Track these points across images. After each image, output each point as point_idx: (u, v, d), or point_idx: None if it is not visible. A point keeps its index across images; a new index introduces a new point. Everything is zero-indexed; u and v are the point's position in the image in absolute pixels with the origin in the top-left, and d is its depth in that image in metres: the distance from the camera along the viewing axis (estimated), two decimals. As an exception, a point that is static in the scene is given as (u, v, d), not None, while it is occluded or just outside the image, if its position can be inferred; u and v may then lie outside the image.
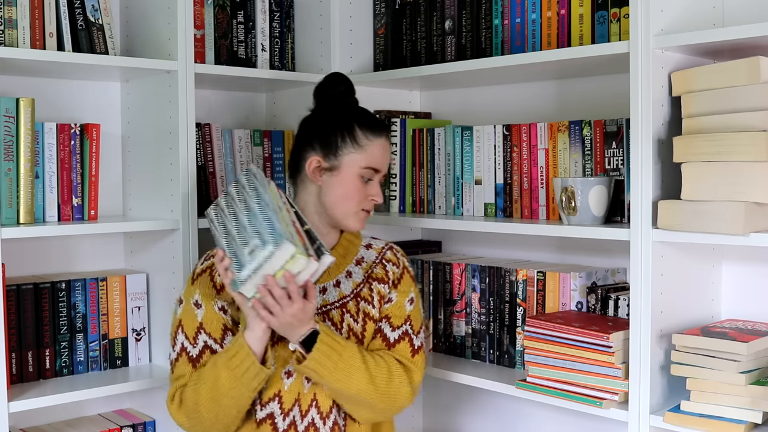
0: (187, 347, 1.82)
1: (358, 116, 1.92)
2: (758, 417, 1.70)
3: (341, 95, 1.99)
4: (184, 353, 1.82)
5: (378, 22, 2.53)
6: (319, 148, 1.89)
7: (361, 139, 1.89)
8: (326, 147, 1.89)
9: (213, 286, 1.85)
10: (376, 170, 1.91)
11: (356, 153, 1.88)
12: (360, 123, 1.90)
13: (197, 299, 1.84)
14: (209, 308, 1.83)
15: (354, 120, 1.91)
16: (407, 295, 1.93)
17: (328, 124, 1.91)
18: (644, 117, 1.81)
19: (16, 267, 2.20)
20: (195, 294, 1.85)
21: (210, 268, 1.87)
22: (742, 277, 2.00)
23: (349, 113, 1.93)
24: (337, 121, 1.91)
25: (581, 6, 2.04)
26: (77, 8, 2.12)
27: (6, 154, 1.99)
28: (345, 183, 1.88)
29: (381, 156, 1.92)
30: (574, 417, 2.30)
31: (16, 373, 2.07)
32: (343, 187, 1.88)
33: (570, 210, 1.98)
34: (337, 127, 1.90)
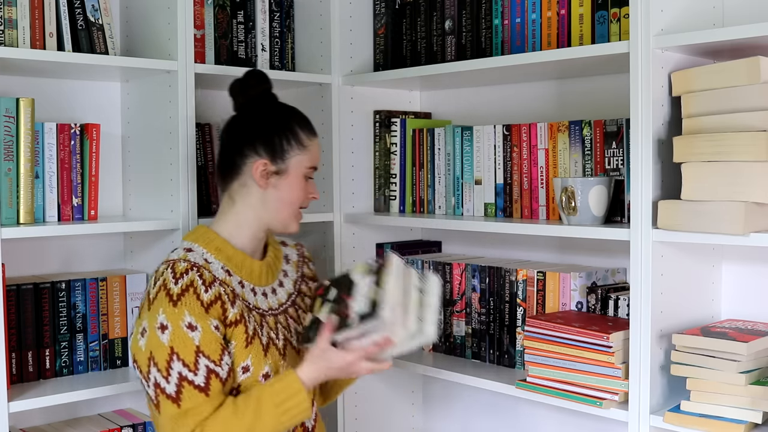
0: (188, 376, 1.69)
1: (295, 117, 1.92)
2: (758, 417, 1.70)
3: (266, 93, 1.96)
4: (186, 383, 1.69)
5: (378, 22, 2.53)
6: (265, 151, 1.85)
7: (304, 140, 1.88)
8: (272, 150, 1.85)
9: (201, 305, 1.73)
10: (315, 168, 1.93)
11: (302, 154, 1.88)
12: (299, 124, 1.90)
13: (190, 321, 1.71)
14: (206, 329, 1.72)
15: (293, 120, 1.90)
16: None
17: (269, 126, 1.87)
18: (644, 117, 1.81)
19: (16, 267, 2.20)
20: (184, 316, 1.71)
21: (189, 285, 1.74)
22: (742, 277, 1.99)
23: (286, 114, 1.92)
24: (278, 122, 1.88)
25: (581, 6, 2.04)
26: (77, 8, 2.12)
27: (6, 154, 1.99)
28: (292, 185, 1.87)
29: (319, 154, 1.94)
30: (574, 417, 2.30)
31: (16, 373, 2.07)
32: (290, 189, 1.87)
33: (570, 210, 1.98)
34: (280, 129, 1.87)
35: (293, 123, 1.89)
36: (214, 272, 1.81)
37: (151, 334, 1.72)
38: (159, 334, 1.71)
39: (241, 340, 1.78)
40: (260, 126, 1.88)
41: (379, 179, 2.55)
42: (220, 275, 1.82)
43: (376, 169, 2.55)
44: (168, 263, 1.79)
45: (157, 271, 1.81)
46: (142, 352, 1.73)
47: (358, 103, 2.54)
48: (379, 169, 2.55)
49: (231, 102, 1.97)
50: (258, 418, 1.71)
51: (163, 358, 1.70)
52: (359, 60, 2.54)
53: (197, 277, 1.76)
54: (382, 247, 2.56)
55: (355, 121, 2.53)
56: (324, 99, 2.50)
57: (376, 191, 2.56)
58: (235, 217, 1.89)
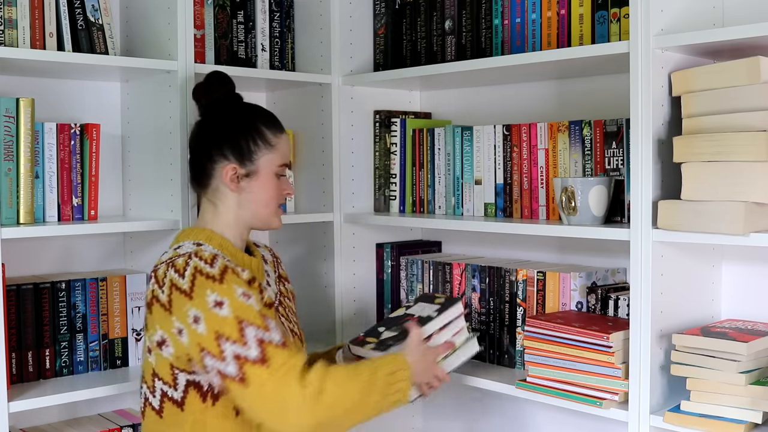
0: (265, 336, 1.64)
1: (259, 116, 1.90)
2: (758, 417, 1.70)
3: (229, 94, 1.94)
4: (266, 344, 1.64)
5: (378, 22, 2.53)
6: (232, 155, 1.84)
7: (271, 139, 1.87)
8: (239, 153, 1.84)
9: (244, 281, 1.73)
10: (287, 165, 1.92)
11: (270, 153, 1.86)
12: (264, 122, 1.88)
13: (243, 291, 1.68)
14: (258, 298, 1.72)
15: (257, 120, 1.88)
16: None
17: (234, 129, 1.86)
18: (644, 117, 1.81)
19: (16, 267, 2.20)
20: (235, 288, 1.68)
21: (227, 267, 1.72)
22: (742, 277, 1.99)
23: (250, 114, 1.90)
24: (243, 124, 1.87)
25: (581, 6, 2.04)
26: (77, 8, 2.12)
27: (6, 154, 1.99)
28: (265, 186, 1.86)
29: (288, 150, 1.93)
30: (574, 417, 2.30)
31: (16, 373, 2.07)
32: (264, 190, 1.86)
33: (570, 210, 1.98)
34: (245, 130, 1.86)
35: (258, 123, 1.87)
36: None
37: (208, 315, 1.66)
38: (218, 311, 1.66)
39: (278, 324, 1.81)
40: (225, 129, 1.87)
41: (379, 179, 2.55)
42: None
43: (376, 169, 2.55)
44: (185, 255, 1.73)
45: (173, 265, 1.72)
46: (205, 337, 1.65)
47: (358, 103, 2.54)
48: (379, 169, 2.55)
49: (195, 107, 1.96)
50: (371, 384, 1.69)
51: (234, 328, 1.64)
52: (359, 60, 2.54)
53: (227, 262, 1.73)
54: (382, 247, 2.56)
55: (355, 121, 2.53)
56: (324, 99, 2.50)
57: (376, 191, 2.56)
58: (220, 219, 1.88)
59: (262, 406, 1.66)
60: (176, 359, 1.72)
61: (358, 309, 2.54)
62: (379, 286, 2.57)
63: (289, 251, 2.64)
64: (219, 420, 1.74)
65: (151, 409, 1.79)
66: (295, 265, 2.61)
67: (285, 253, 2.66)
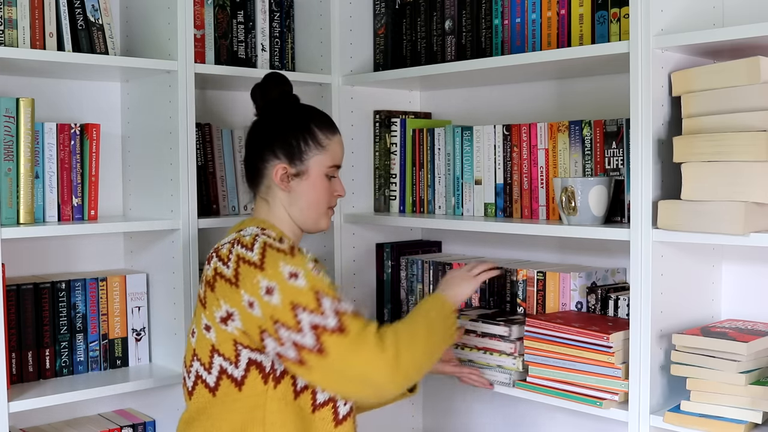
0: (340, 307, 1.66)
1: (312, 116, 1.91)
2: (758, 417, 1.70)
3: (285, 95, 1.96)
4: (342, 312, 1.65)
5: (378, 22, 2.53)
6: (283, 154, 1.86)
7: (322, 140, 1.88)
8: (290, 153, 1.86)
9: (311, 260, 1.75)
10: (338, 167, 1.92)
11: (321, 154, 1.88)
12: (317, 123, 1.89)
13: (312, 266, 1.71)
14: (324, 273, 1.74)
15: (311, 121, 1.90)
16: None
17: (286, 129, 1.88)
18: (644, 117, 1.81)
19: (16, 267, 2.20)
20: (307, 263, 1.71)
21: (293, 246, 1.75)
22: (742, 277, 1.99)
23: (303, 114, 1.92)
24: (295, 124, 1.89)
25: (581, 6, 2.04)
26: (77, 8, 2.12)
27: (6, 154, 1.99)
28: (315, 186, 1.88)
29: (341, 152, 1.93)
30: (574, 417, 2.30)
31: (16, 373, 2.07)
32: (313, 190, 1.88)
33: (570, 210, 1.98)
34: (297, 130, 1.88)
35: (310, 123, 1.89)
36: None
37: (283, 286, 1.66)
38: (293, 282, 1.66)
39: None
40: (277, 129, 1.89)
41: (379, 179, 2.55)
42: None
43: (376, 169, 2.55)
44: (252, 234, 1.75)
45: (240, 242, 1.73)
46: (280, 308, 1.64)
47: (358, 103, 2.54)
48: (379, 169, 2.55)
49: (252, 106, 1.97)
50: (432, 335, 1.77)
51: (312, 298, 1.65)
52: (359, 60, 2.54)
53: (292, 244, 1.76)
54: (382, 247, 2.56)
55: (355, 121, 2.53)
56: (324, 99, 2.50)
57: (376, 191, 2.56)
58: (276, 213, 1.89)
59: (343, 375, 1.67)
60: (242, 335, 1.69)
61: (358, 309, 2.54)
62: (379, 286, 2.57)
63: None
64: (278, 404, 1.72)
65: (204, 386, 1.74)
66: (295, 265, 2.61)
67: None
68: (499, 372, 2.08)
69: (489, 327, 2.10)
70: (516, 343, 2.06)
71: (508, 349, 2.06)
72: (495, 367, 2.09)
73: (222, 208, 2.39)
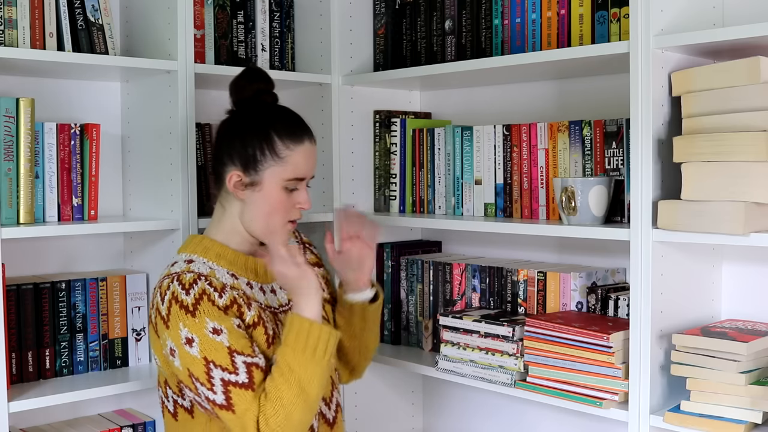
0: (230, 378, 1.64)
1: (275, 122, 1.79)
2: (758, 417, 1.70)
3: (257, 94, 1.84)
4: (232, 386, 1.64)
5: (378, 22, 2.53)
6: (238, 161, 1.77)
7: (281, 150, 1.76)
8: (245, 161, 1.76)
9: (218, 308, 1.70)
10: (300, 179, 1.80)
11: (278, 166, 1.76)
12: (279, 130, 1.77)
13: (213, 326, 1.66)
14: (231, 328, 1.67)
15: (271, 128, 1.77)
16: None
17: (244, 134, 1.77)
18: (644, 117, 1.81)
19: (16, 267, 2.20)
20: (206, 323, 1.66)
21: (202, 293, 1.70)
22: (742, 277, 1.99)
23: (265, 119, 1.79)
24: (254, 130, 1.77)
25: (581, 6, 2.04)
26: (77, 8, 2.12)
27: (6, 154, 1.99)
28: (268, 198, 1.77)
29: (305, 163, 1.80)
30: (574, 417, 2.30)
31: (16, 373, 2.07)
32: (266, 203, 1.78)
33: (570, 210, 1.98)
34: (254, 137, 1.76)
35: (270, 130, 1.77)
36: (221, 278, 1.78)
37: (181, 352, 1.67)
38: (188, 349, 1.66)
39: (262, 341, 1.75)
40: (237, 133, 1.79)
41: (379, 179, 2.55)
42: (228, 281, 1.79)
43: (376, 169, 2.55)
44: (171, 276, 1.74)
45: (161, 286, 1.74)
46: (181, 372, 1.69)
47: (358, 103, 2.54)
48: (379, 169, 2.55)
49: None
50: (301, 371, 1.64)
51: (201, 370, 1.65)
52: (359, 60, 2.54)
53: (207, 286, 1.71)
54: (382, 247, 2.56)
55: (355, 121, 2.53)
56: (324, 99, 2.50)
57: (376, 191, 2.56)
58: (227, 223, 1.84)
59: None
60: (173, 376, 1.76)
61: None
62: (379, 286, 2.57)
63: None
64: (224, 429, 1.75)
65: (167, 411, 1.83)
66: (295, 265, 2.62)
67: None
68: (500, 372, 2.08)
69: (492, 327, 2.10)
70: (518, 344, 2.06)
71: (511, 350, 2.06)
72: (497, 367, 2.09)
73: (222, 208, 2.38)
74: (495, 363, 2.09)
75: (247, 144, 1.77)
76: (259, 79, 1.87)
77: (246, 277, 1.84)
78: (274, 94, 1.89)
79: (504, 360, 2.08)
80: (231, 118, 1.85)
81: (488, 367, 2.11)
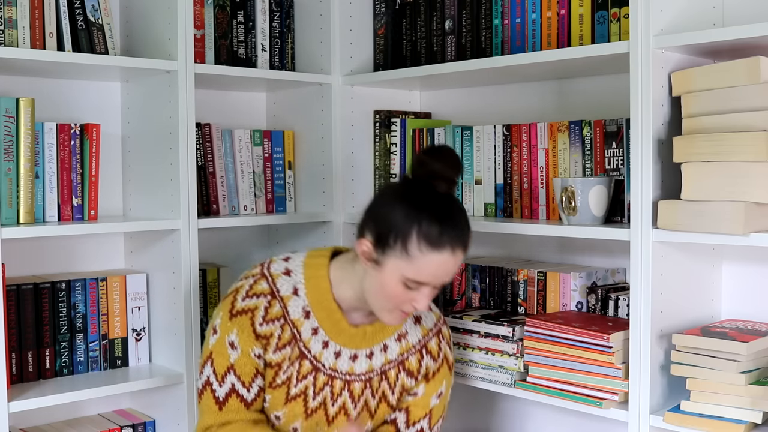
0: (213, 383, 1.74)
1: (424, 219, 1.64)
2: (758, 417, 1.70)
3: (430, 177, 1.70)
4: (209, 388, 1.75)
5: (378, 22, 2.53)
6: (373, 233, 1.68)
7: (412, 249, 1.64)
8: (377, 237, 1.67)
9: (253, 331, 1.74)
10: (422, 283, 1.68)
11: (403, 261, 1.65)
12: (420, 228, 1.64)
13: (233, 340, 1.73)
14: (245, 353, 1.73)
15: (415, 221, 1.64)
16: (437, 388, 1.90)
17: (389, 213, 1.68)
18: (644, 117, 1.81)
19: (16, 267, 2.20)
20: (231, 333, 1.74)
21: (252, 310, 1.75)
22: (742, 277, 1.99)
23: (416, 210, 1.65)
24: (399, 214, 1.66)
25: (581, 6, 2.04)
26: (77, 8, 2.12)
27: (6, 154, 1.99)
28: (383, 284, 1.68)
29: (433, 272, 1.66)
30: (574, 417, 2.30)
31: (16, 373, 2.07)
32: (381, 286, 1.69)
33: (570, 210, 1.98)
34: (395, 221, 1.65)
35: (414, 225, 1.64)
36: (289, 308, 1.76)
37: (208, 330, 1.80)
38: (211, 333, 1.78)
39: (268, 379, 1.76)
40: (386, 207, 1.70)
41: (379, 179, 2.55)
42: (294, 314, 1.77)
43: (376, 169, 2.55)
44: (254, 276, 1.80)
45: (247, 272, 1.83)
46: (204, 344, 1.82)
47: (358, 103, 2.54)
48: (379, 169, 2.55)
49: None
50: None
51: (205, 355, 1.78)
52: (359, 60, 2.54)
53: (263, 308, 1.76)
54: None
55: (355, 121, 2.53)
56: (324, 99, 2.50)
57: (376, 191, 2.56)
58: (350, 272, 1.77)
59: None
60: None
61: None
62: (379, 286, 2.57)
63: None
64: None
65: None
66: (295, 265, 2.62)
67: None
68: (500, 372, 2.08)
69: (492, 327, 2.10)
70: (518, 344, 2.06)
71: (511, 350, 2.06)
72: (497, 367, 2.09)
73: (222, 208, 2.39)
74: (495, 363, 2.09)
75: (386, 223, 1.67)
76: (444, 159, 1.72)
77: (323, 327, 1.78)
78: (450, 183, 1.72)
79: (504, 360, 2.08)
80: (395, 187, 1.77)
81: (488, 367, 2.11)
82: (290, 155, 2.56)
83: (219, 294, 2.43)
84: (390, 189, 1.79)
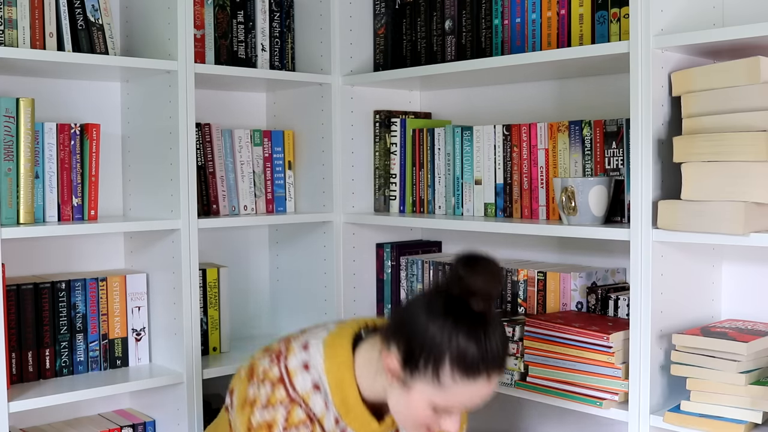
0: None
1: (459, 344, 1.48)
2: (758, 417, 1.70)
3: (466, 294, 1.50)
4: None
5: (378, 22, 2.53)
6: (401, 351, 1.52)
7: (444, 377, 1.49)
8: (406, 357, 1.51)
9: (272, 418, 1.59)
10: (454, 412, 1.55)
11: (433, 388, 1.50)
12: (453, 355, 1.48)
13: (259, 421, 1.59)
14: None
15: (448, 347, 1.48)
16: None
17: (420, 333, 1.50)
18: (644, 117, 1.81)
19: (16, 267, 2.20)
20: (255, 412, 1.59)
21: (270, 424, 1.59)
22: (742, 277, 1.99)
23: (451, 333, 1.48)
24: (431, 336, 1.49)
25: (581, 6, 2.04)
26: (77, 8, 2.12)
27: (6, 154, 1.99)
28: (411, 407, 1.54)
29: (466, 401, 1.53)
30: (574, 417, 2.30)
31: (16, 373, 2.07)
32: (408, 408, 1.55)
33: (570, 210, 1.98)
34: (426, 344, 1.49)
35: (446, 351, 1.48)
36: (311, 405, 1.60)
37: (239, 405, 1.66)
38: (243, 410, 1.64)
39: None
40: (417, 326, 1.51)
41: (379, 179, 2.55)
42: (315, 409, 1.61)
43: (376, 169, 2.55)
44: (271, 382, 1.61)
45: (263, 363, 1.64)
46: None
47: (358, 103, 2.54)
48: (379, 169, 2.55)
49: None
50: None
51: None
52: (359, 60, 2.54)
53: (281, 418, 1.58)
54: (382, 247, 2.56)
55: (355, 121, 2.53)
56: (324, 99, 2.50)
57: (376, 191, 2.56)
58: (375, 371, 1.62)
59: None
60: None
61: (358, 309, 2.54)
62: (379, 286, 2.57)
63: (289, 251, 2.65)
64: None
65: None
66: (295, 265, 2.61)
67: (285, 253, 2.66)
68: None
69: None
70: (518, 344, 2.06)
71: (511, 350, 2.06)
72: (495, 367, 2.09)
73: (222, 208, 2.39)
74: None
75: (417, 342, 1.51)
76: (483, 275, 1.52)
77: (346, 419, 1.63)
78: (488, 302, 1.53)
79: (504, 360, 2.08)
80: (427, 300, 1.55)
81: None
82: (290, 155, 2.56)
83: (219, 294, 2.43)
84: (422, 299, 1.57)
